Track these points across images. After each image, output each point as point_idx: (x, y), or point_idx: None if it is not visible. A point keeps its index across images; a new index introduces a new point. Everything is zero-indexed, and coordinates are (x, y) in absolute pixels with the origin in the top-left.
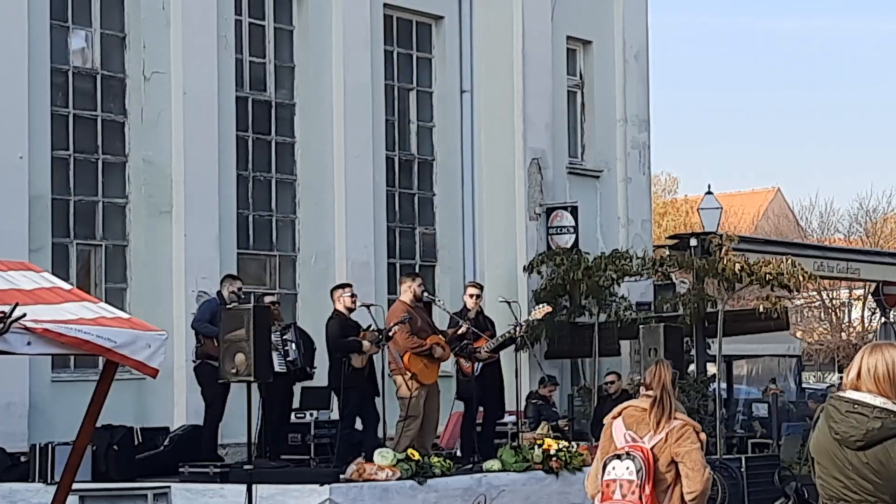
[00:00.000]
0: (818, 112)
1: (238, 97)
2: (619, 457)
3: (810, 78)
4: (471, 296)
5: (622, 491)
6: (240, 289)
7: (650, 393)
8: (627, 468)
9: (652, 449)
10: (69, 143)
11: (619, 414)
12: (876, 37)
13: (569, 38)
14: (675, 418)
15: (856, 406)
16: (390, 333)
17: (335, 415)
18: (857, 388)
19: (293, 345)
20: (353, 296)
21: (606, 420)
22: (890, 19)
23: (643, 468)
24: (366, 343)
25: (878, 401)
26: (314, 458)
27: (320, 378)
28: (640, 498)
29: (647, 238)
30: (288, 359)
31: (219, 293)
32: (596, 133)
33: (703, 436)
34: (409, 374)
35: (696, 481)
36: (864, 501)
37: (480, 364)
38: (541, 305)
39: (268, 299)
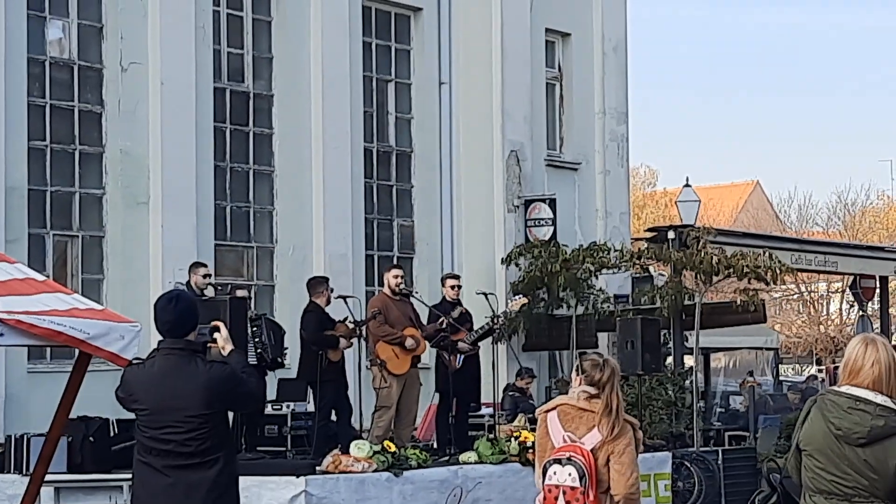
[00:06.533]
0: (798, 105)
1: (216, 88)
2: (559, 461)
3: (791, 72)
4: (451, 287)
5: (566, 498)
6: (207, 275)
7: (591, 391)
8: (570, 474)
9: (592, 450)
10: (46, 133)
11: (553, 409)
12: (854, 34)
13: (547, 30)
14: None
15: (858, 403)
16: (362, 329)
17: (311, 406)
18: (855, 384)
19: (262, 336)
20: (332, 290)
21: (539, 413)
22: (867, 16)
23: (586, 474)
24: (343, 340)
25: (880, 398)
26: (290, 450)
27: (296, 370)
28: None
29: (626, 230)
30: (258, 350)
31: (188, 283)
32: (574, 125)
33: (639, 433)
34: (379, 363)
35: (619, 484)
36: (856, 496)
37: (462, 357)
38: (517, 297)
39: (240, 293)
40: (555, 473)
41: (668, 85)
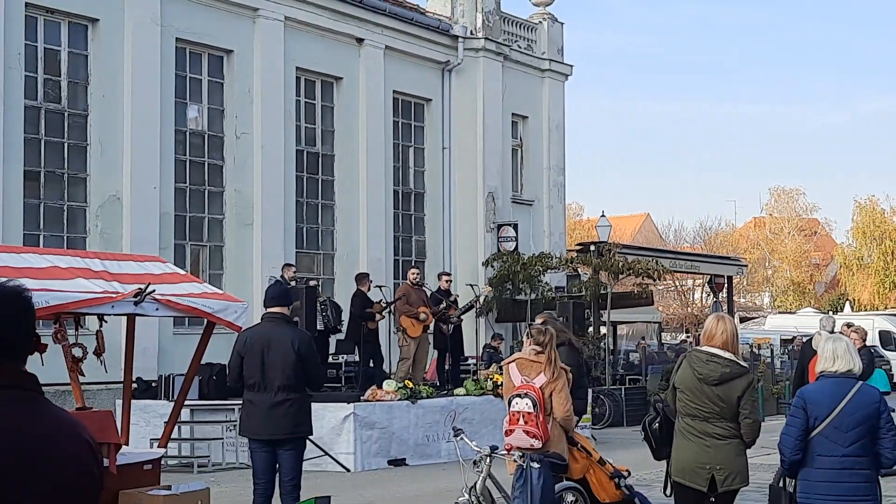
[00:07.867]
0: (677, 163)
1: (297, 150)
2: (519, 395)
3: (672, 143)
4: (445, 280)
5: (524, 419)
6: (295, 272)
7: (538, 348)
8: (527, 404)
9: (540, 387)
10: (186, 178)
11: (513, 361)
12: (713, 118)
13: (513, 114)
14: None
15: (712, 357)
16: (391, 307)
17: (357, 358)
18: (711, 345)
19: (327, 311)
20: (371, 282)
21: (504, 364)
22: (722, 105)
23: (537, 402)
24: (378, 315)
25: (726, 354)
26: (343, 386)
27: (346, 333)
28: (537, 424)
29: (563, 245)
30: (324, 321)
31: (281, 276)
32: (530, 176)
33: (570, 375)
34: (402, 329)
35: (559, 410)
36: (711, 417)
37: (453, 326)
38: (487, 287)
39: (312, 283)
40: (517, 403)
41: (592, 148)
